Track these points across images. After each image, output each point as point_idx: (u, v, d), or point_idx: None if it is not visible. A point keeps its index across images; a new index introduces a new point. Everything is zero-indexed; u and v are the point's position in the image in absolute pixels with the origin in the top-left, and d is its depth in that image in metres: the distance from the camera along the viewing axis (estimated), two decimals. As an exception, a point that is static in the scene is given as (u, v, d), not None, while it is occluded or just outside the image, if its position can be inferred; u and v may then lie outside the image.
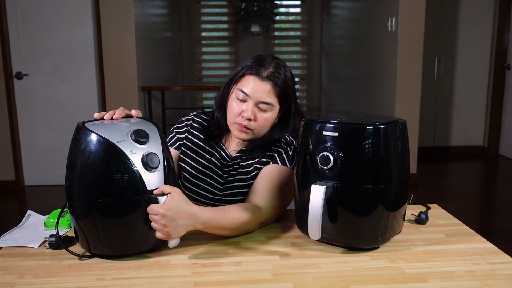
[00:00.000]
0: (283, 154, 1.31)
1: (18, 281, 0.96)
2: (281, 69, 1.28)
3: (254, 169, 1.32)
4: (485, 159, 5.13)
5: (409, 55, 3.87)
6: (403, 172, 1.07)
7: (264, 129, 1.31)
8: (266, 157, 1.32)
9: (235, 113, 1.29)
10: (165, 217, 0.99)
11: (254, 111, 1.27)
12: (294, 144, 1.34)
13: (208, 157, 1.36)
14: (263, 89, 1.26)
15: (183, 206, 1.03)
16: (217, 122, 1.38)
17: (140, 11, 4.23)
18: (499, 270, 0.98)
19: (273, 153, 1.32)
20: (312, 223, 1.03)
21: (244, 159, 1.34)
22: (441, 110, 5.20)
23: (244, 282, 0.94)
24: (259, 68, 1.27)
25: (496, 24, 4.99)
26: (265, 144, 1.33)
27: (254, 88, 1.26)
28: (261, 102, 1.27)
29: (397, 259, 1.04)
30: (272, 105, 1.28)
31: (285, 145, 1.34)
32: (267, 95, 1.26)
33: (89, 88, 4.01)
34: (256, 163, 1.33)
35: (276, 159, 1.31)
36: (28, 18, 3.87)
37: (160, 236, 1.02)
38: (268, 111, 1.28)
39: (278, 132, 1.34)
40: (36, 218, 1.32)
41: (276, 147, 1.34)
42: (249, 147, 1.34)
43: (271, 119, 1.30)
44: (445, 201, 3.65)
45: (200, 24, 6.54)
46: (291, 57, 6.94)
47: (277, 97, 1.28)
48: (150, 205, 1.01)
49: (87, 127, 1.02)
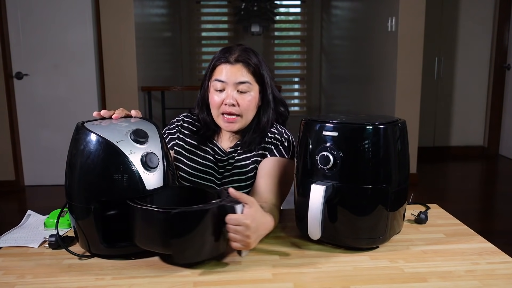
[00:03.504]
0: (279, 146, 1.35)
1: (18, 280, 0.96)
2: (248, 51, 1.33)
3: (252, 163, 1.34)
4: (485, 159, 5.12)
5: (409, 55, 3.87)
6: (402, 172, 1.07)
7: (250, 111, 1.33)
8: (262, 149, 1.35)
9: (217, 104, 1.32)
10: (250, 229, 0.97)
11: (234, 96, 1.30)
12: (287, 133, 1.39)
13: (202, 155, 1.38)
14: (236, 71, 1.29)
15: (260, 215, 1.02)
16: (204, 123, 1.40)
17: (140, 11, 4.23)
18: (499, 270, 0.98)
19: (269, 145, 1.35)
20: (312, 223, 1.03)
21: (240, 153, 1.36)
22: (441, 110, 5.20)
23: (244, 282, 0.94)
24: (227, 55, 1.31)
25: (496, 24, 4.99)
26: (259, 133, 1.36)
27: (227, 73, 1.30)
28: (238, 83, 1.30)
29: (397, 259, 1.04)
30: (250, 84, 1.31)
31: (279, 136, 1.37)
32: (241, 75, 1.30)
33: (89, 88, 4.01)
34: (253, 157, 1.35)
35: (274, 151, 1.34)
36: (28, 18, 3.87)
37: (237, 247, 0.99)
38: (248, 92, 1.31)
39: (264, 114, 1.36)
40: (36, 218, 1.32)
41: (270, 138, 1.36)
42: (244, 140, 1.36)
43: (254, 100, 1.33)
44: (445, 201, 3.65)
45: (200, 24, 6.55)
46: (291, 57, 6.93)
47: (252, 75, 1.31)
48: (230, 215, 0.97)
49: (86, 127, 1.02)
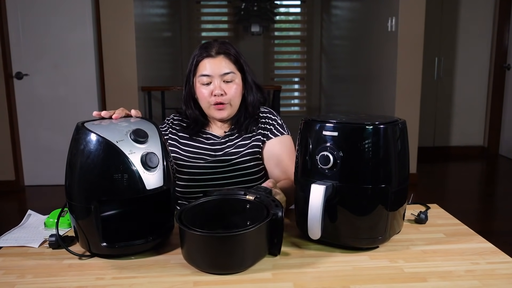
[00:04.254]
0: (276, 126, 1.47)
1: (19, 280, 0.96)
2: (226, 44, 1.44)
3: (252, 142, 1.44)
4: (485, 159, 5.13)
5: (409, 55, 3.87)
6: (402, 172, 1.07)
7: (237, 98, 1.43)
8: (261, 130, 1.46)
9: (206, 96, 1.41)
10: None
11: (221, 86, 1.39)
12: (272, 112, 1.51)
13: (196, 145, 1.46)
14: (219, 63, 1.39)
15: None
16: (192, 118, 1.47)
17: (140, 11, 4.23)
18: (499, 269, 0.98)
19: (266, 126, 1.46)
20: (311, 223, 1.03)
21: (237, 136, 1.45)
22: (441, 110, 5.20)
23: (244, 282, 0.94)
24: (207, 50, 1.40)
25: (496, 24, 4.99)
26: (251, 117, 1.46)
27: (211, 67, 1.39)
28: (223, 74, 1.38)
29: (397, 259, 1.04)
30: (234, 73, 1.41)
31: (270, 115, 1.49)
32: (224, 66, 1.39)
33: (89, 88, 4.01)
34: (252, 137, 1.45)
35: (274, 132, 1.46)
36: (28, 18, 3.88)
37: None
38: (233, 81, 1.41)
39: (249, 97, 1.46)
40: (36, 218, 1.32)
41: (263, 118, 1.48)
42: (240, 124, 1.45)
43: (239, 88, 1.43)
44: (445, 201, 3.65)
45: (200, 24, 6.55)
46: (291, 57, 6.93)
47: (234, 64, 1.41)
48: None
49: (86, 127, 1.02)
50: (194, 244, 0.97)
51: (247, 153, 1.42)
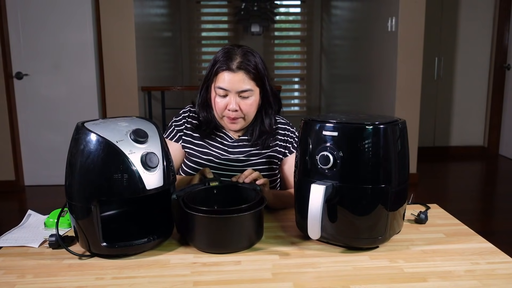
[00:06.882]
0: (296, 140, 1.46)
1: (19, 280, 0.96)
2: (248, 56, 1.37)
3: (269, 157, 1.46)
4: (485, 159, 5.12)
5: (409, 55, 3.87)
6: (402, 172, 1.07)
7: (251, 113, 1.42)
8: (282, 142, 1.48)
9: (221, 108, 1.40)
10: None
11: (237, 101, 1.37)
12: (290, 124, 1.52)
13: (211, 142, 1.47)
14: (238, 79, 1.36)
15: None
16: (206, 121, 1.46)
17: (140, 11, 4.23)
18: (498, 269, 0.98)
19: (287, 139, 1.48)
20: (311, 223, 1.03)
21: (250, 145, 1.45)
22: (441, 110, 5.20)
23: (243, 282, 0.94)
24: (228, 62, 1.36)
25: (496, 24, 4.99)
26: (267, 128, 1.45)
27: (230, 82, 1.35)
28: (240, 91, 1.36)
29: (397, 259, 1.04)
30: (252, 90, 1.38)
31: (288, 127, 1.51)
32: (243, 83, 1.36)
33: (89, 88, 4.01)
34: (270, 152, 1.46)
35: (294, 145, 1.47)
36: (28, 18, 3.87)
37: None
38: (250, 97, 1.39)
39: (266, 107, 1.45)
40: (36, 218, 1.32)
41: (283, 130, 1.49)
42: (254, 135, 1.45)
43: (255, 103, 1.41)
44: (445, 201, 3.65)
45: (200, 24, 6.54)
46: (291, 57, 6.93)
47: (253, 81, 1.38)
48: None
49: (86, 127, 1.02)
50: (199, 225, 1.05)
51: (259, 162, 1.44)
